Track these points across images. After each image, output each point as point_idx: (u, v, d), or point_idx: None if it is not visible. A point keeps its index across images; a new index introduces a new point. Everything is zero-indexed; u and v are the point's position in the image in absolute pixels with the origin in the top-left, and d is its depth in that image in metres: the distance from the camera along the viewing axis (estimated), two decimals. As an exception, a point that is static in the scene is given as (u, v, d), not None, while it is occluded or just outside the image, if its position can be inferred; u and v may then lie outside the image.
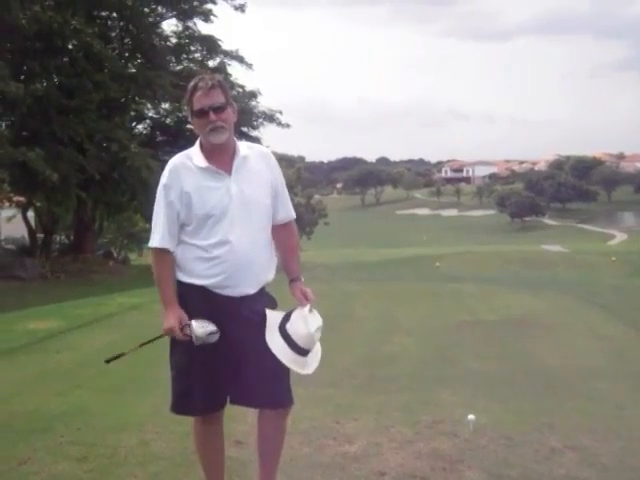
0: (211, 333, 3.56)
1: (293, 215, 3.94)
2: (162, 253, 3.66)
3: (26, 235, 31.12)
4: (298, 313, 3.74)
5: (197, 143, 3.71)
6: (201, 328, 3.55)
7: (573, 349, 8.98)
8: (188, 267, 3.66)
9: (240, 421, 5.22)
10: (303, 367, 3.81)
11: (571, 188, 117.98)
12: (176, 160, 3.68)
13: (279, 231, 3.88)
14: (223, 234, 3.60)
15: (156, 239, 3.66)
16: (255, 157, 3.79)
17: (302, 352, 3.73)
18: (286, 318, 3.71)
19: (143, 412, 5.97)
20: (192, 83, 3.68)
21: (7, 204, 30.84)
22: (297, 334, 3.68)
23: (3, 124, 25.55)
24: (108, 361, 4.09)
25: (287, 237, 3.97)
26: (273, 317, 3.70)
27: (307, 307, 3.79)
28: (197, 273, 3.63)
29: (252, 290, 3.70)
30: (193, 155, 3.67)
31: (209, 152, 3.65)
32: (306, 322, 3.70)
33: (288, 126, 33.08)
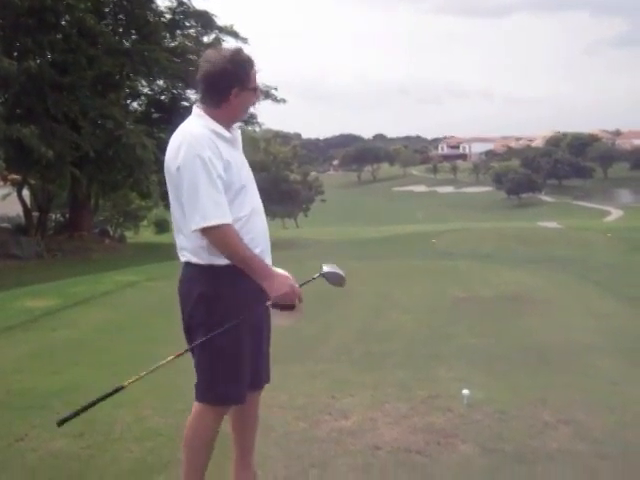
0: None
1: None
2: (227, 228, 3.31)
3: (21, 214, 31.05)
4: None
5: (203, 115, 3.50)
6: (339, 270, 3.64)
7: (568, 325, 9.01)
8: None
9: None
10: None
11: (567, 165, 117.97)
12: (202, 130, 3.41)
13: None
14: (252, 203, 3.54)
15: (217, 215, 3.30)
16: (239, 135, 3.73)
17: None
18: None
19: (139, 389, 5.95)
20: (244, 55, 3.53)
21: (2, 182, 30.74)
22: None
23: (-3, 101, 25.44)
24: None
25: None
26: None
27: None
28: None
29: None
30: (214, 126, 3.45)
31: (225, 125, 3.52)
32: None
33: (284, 101, 32.98)
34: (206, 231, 3.30)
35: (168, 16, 30.65)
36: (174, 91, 30.69)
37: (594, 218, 77.69)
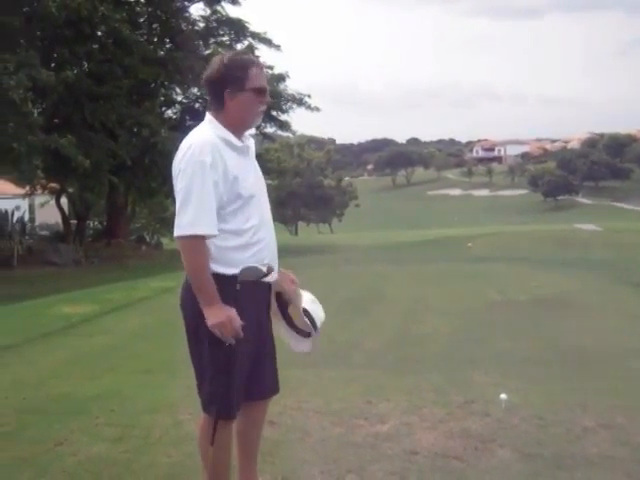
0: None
1: None
2: (203, 241, 3.27)
3: (60, 221, 31.39)
4: (307, 300, 3.76)
5: (213, 120, 3.47)
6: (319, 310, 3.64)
7: (606, 329, 8.92)
8: (228, 257, 3.36)
9: (273, 402, 5.24)
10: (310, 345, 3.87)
11: (605, 166, 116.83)
12: (209, 137, 3.37)
13: None
14: (261, 214, 3.49)
15: (205, 224, 3.26)
16: (252, 141, 3.67)
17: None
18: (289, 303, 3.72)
19: (176, 394, 6.03)
20: (246, 56, 3.52)
21: (40, 190, 31.09)
22: (319, 317, 3.77)
23: (35, 111, 25.71)
24: None
25: None
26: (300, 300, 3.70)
27: (307, 293, 3.81)
28: (242, 262, 3.39)
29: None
30: (223, 133, 3.41)
31: (234, 131, 3.47)
32: (317, 305, 3.78)
33: (318, 110, 32.92)
34: (183, 238, 3.27)
35: (201, 24, 30.82)
36: (207, 98, 30.85)
37: (632, 220, 76.79)
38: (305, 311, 3.70)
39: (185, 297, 3.49)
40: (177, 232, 3.29)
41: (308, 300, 3.76)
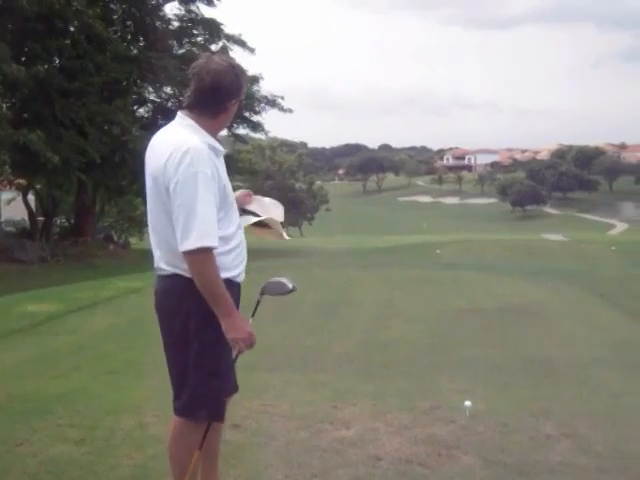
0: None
1: None
2: (212, 253, 3.23)
3: (26, 218, 31.11)
4: (265, 203, 4.03)
5: (195, 126, 3.39)
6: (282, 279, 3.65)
7: (571, 337, 8.99)
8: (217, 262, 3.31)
9: (238, 404, 5.23)
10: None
11: (572, 177, 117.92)
12: (200, 144, 3.29)
13: None
14: (236, 219, 3.51)
15: (213, 236, 3.23)
16: None
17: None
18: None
19: (141, 395, 5.99)
20: (241, 67, 3.48)
21: (7, 186, 30.81)
22: (280, 215, 4.03)
23: (4, 106, 25.47)
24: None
25: None
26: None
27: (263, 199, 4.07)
28: (227, 266, 3.38)
29: None
30: (209, 139, 3.38)
31: (213, 136, 3.44)
32: (275, 205, 4.07)
33: (290, 111, 33.01)
34: (193, 251, 3.21)
35: (176, 24, 30.78)
36: (181, 98, 30.68)
37: (599, 231, 77.57)
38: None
39: (167, 301, 3.45)
40: (187, 247, 3.20)
41: (267, 204, 4.03)
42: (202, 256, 3.22)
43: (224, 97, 3.40)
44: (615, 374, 7.02)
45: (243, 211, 3.79)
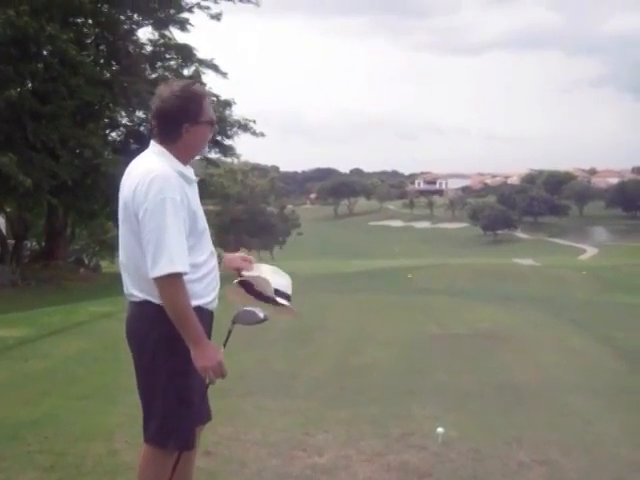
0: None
1: None
2: (182, 279, 3.22)
3: (-4, 241, 30.82)
4: (267, 271, 3.73)
5: (165, 152, 3.39)
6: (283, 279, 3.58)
7: (543, 363, 9.04)
8: (189, 290, 3.29)
9: (210, 431, 5.20)
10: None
11: (543, 202, 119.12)
12: (169, 171, 3.30)
13: None
14: (209, 245, 3.49)
15: (183, 262, 3.22)
16: None
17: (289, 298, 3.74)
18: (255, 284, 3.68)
19: (113, 421, 5.94)
20: (198, 87, 3.47)
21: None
22: (286, 286, 3.75)
23: (-25, 128, 25.32)
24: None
25: None
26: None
27: (263, 265, 3.82)
28: (198, 294, 3.35)
29: None
30: (180, 167, 3.38)
31: (184, 162, 3.44)
32: (280, 275, 3.77)
33: (262, 135, 33.07)
34: (163, 278, 3.19)
35: (149, 48, 30.84)
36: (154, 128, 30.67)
37: (569, 256, 78.24)
38: (276, 291, 3.67)
39: (137, 328, 3.43)
40: (156, 273, 3.19)
41: (269, 273, 3.73)
42: (172, 282, 3.20)
43: (174, 123, 3.39)
44: (586, 400, 7.07)
45: (241, 283, 3.66)
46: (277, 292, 3.67)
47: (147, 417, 3.47)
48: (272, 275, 3.72)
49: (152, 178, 3.25)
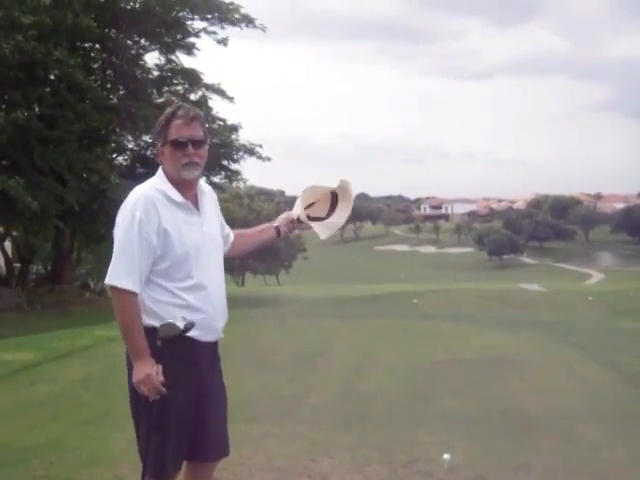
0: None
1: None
2: (133, 295, 3.29)
3: (2, 264, 30.87)
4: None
5: (161, 174, 3.46)
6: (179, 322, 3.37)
7: (550, 389, 9.00)
8: (162, 312, 3.34)
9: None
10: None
11: (549, 227, 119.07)
12: (147, 192, 3.37)
13: (236, 244, 3.90)
14: (199, 277, 3.42)
15: (129, 280, 3.29)
16: (209, 192, 3.66)
17: None
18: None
19: (117, 447, 5.93)
20: (170, 109, 3.47)
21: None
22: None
23: (-17, 152, 25.46)
24: None
25: (243, 237, 3.99)
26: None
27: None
28: (174, 317, 3.32)
29: (222, 334, 3.58)
30: (165, 188, 3.40)
31: (177, 186, 3.44)
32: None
33: (269, 159, 33.08)
34: (112, 289, 3.34)
35: (156, 73, 31.02)
36: (160, 147, 30.81)
37: (575, 281, 78.05)
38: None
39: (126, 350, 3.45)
40: (105, 280, 3.38)
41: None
42: (117, 295, 3.33)
43: (155, 145, 3.57)
44: (593, 427, 7.03)
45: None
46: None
47: (137, 442, 3.50)
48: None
49: (129, 196, 3.40)
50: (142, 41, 30.13)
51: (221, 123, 31.21)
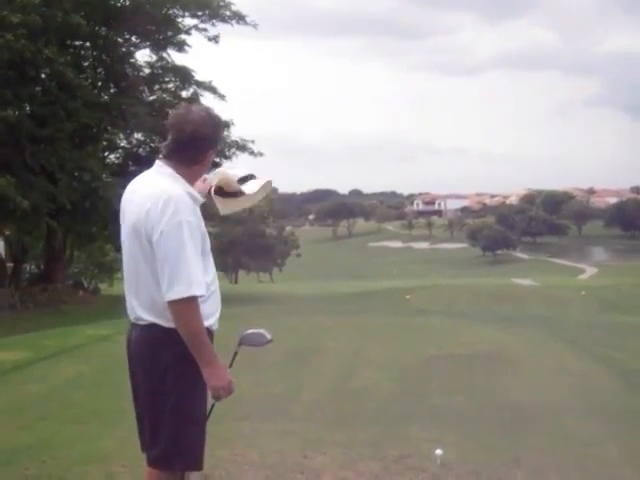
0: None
1: None
2: (198, 302, 3.26)
3: (-5, 264, 30.81)
4: (223, 172, 3.88)
5: (173, 173, 3.40)
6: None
7: (541, 385, 9.01)
8: (208, 309, 3.39)
9: (207, 454, 5.18)
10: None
11: (542, 222, 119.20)
12: (182, 192, 3.34)
13: None
14: (212, 267, 3.50)
15: (200, 284, 3.27)
16: None
17: None
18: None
19: (109, 445, 5.92)
20: (216, 115, 3.49)
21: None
22: (242, 170, 3.93)
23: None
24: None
25: None
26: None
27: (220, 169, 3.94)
28: (205, 314, 3.32)
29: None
30: (189, 189, 3.40)
31: (191, 185, 3.48)
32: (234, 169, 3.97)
33: (261, 155, 33.05)
34: (181, 301, 3.21)
35: (147, 70, 30.96)
36: (151, 144, 30.79)
37: (568, 275, 78.20)
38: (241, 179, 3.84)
39: (144, 351, 3.42)
40: (173, 296, 3.22)
41: (225, 172, 3.89)
42: (189, 305, 3.23)
43: (202, 148, 3.43)
44: (585, 422, 7.04)
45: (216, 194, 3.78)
46: (241, 180, 3.80)
47: (153, 440, 3.44)
48: (228, 171, 3.88)
49: (166, 200, 3.27)
50: (133, 39, 30.09)
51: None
